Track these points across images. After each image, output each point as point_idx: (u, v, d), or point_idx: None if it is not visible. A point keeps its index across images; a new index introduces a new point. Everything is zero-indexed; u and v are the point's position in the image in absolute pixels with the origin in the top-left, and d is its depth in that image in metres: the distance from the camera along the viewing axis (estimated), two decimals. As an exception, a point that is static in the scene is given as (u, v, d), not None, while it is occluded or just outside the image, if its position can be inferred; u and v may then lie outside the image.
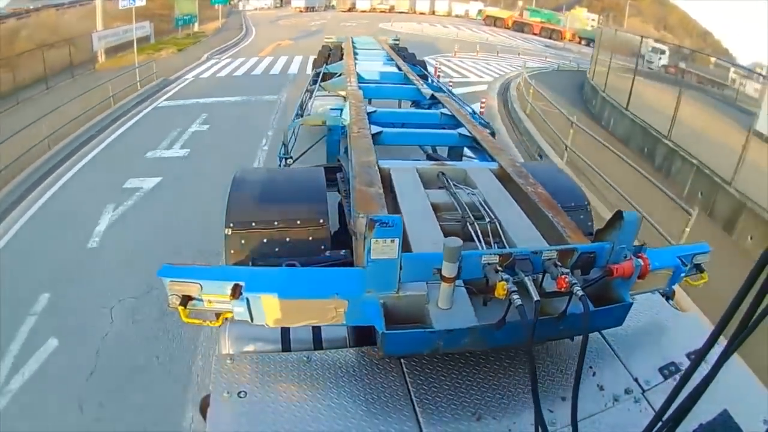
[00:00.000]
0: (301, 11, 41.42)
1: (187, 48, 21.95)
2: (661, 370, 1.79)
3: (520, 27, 39.77)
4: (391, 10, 44.82)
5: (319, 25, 31.30)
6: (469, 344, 1.60)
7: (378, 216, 1.49)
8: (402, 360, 1.72)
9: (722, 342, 0.94)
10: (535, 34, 37.93)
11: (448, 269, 1.53)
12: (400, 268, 1.57)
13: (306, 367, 1.67)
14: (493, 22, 40.83)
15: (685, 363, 1.81)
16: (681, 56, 12.71)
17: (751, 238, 6.91)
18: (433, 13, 45.26)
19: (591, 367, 1.78)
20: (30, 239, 6.04)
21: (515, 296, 1.46)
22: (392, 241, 1.48)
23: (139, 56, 17.06)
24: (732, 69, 12.86)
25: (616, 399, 1.67)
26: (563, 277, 1.52)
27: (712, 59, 14.11)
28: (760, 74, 11.42)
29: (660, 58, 13.69)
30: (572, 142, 8.90)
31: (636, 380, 1.74)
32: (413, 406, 1.58)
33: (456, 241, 1.51)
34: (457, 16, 44.98)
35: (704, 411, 1.03)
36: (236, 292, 1.55)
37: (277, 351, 1.76)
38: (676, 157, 9.04)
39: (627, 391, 1.70)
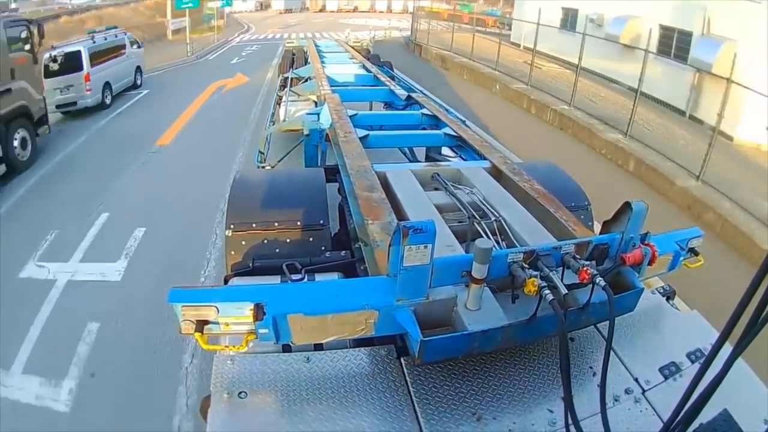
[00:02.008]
0: (281, 13, 55.03)
1: (218, 32, 36.17)
2: (661, 370, 1.83)
3: (452, 18, 53.12)
4: (355, 9, 55.34)
5: (296, 21, 45.67)
6: (501, 343, 1.67)
7: (411, 222, 1.53)
8: (402, 360, 1.76)
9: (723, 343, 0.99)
10: (465, 23, 51.18)
11: (479, 270, 1.61)
12: (432, 274, 1.63)
13: (306, 367, 1.71)
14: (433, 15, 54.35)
15: (686, 363, 1.87)
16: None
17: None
18: (390, 11, 54.65)
19: (591, 367, 1.84)
20: (222, 57, 22.08)
21: (546, 291, 1.55)
22: (425, 247, 1.53)
23: (191, 35, 31.13)
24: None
25: (617, 399, 1.71)
26: (585, 268, 1.63)
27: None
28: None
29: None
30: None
31: (636, 380, 1.79)
32: (413, 406, 1.61)
33: (487, 243, 1.60)
34: (410, 12, 56.86)
35: (704, 410, 1.05)
36: (259, 313, 1.56)
37: (277, 352, 1.82)
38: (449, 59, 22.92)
39: (627, 391, 1.74)
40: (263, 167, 4.58)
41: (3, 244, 6.06)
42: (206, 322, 1.57)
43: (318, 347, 1.86)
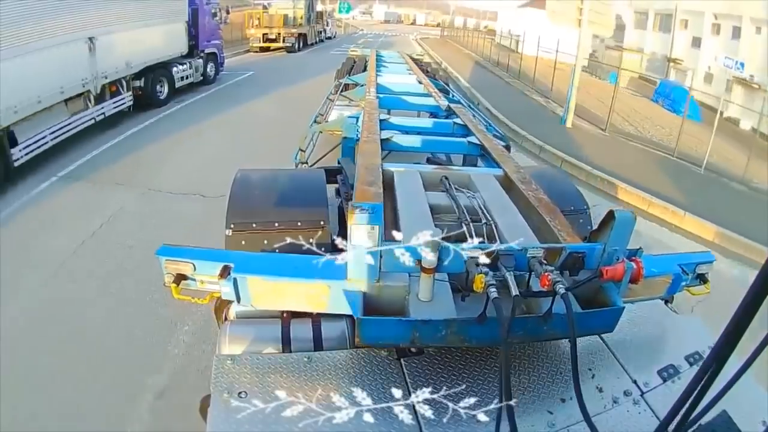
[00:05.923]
0: (381, 22, 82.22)
1: (345, 29, 63.49)
2: (659, 372, 1.91)
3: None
4: (438, 25, 70.64)
5: (393, 28, 70.93)
6: (447, 338, 1.72)
7: (358, 203, 1.64)
8: (402, 361, 1.86)
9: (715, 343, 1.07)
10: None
11: (429, 260, 1.68)
12: (380, 257, 1.71)
13: (306, 367, 1.80)
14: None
15: (684, 365, 1.96)
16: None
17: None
18: (426, 24, 79.78)
19: (590, 369, 1.91)
20: (357, 36, 49.55)
21: (492, 289, 1.58)
22: (373, 228, 1.62)
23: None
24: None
25: (615, 401, 1.79)
26: (546, 274, 1.65)
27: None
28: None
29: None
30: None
31: (635, 382, 1.88)
32: (413, 407, 1.64)
33: (437, 233, 1.62)
34: (463, 27, 63.98)
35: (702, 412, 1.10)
36: (225, 273, 1.79)
37: (277, 351, 1.93)
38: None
39: (626, 393, 1.83)
40: (303, 164, 5.02)
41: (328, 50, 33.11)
42: (184, 277, 1.85)
43: (318, 348, 1.97)
